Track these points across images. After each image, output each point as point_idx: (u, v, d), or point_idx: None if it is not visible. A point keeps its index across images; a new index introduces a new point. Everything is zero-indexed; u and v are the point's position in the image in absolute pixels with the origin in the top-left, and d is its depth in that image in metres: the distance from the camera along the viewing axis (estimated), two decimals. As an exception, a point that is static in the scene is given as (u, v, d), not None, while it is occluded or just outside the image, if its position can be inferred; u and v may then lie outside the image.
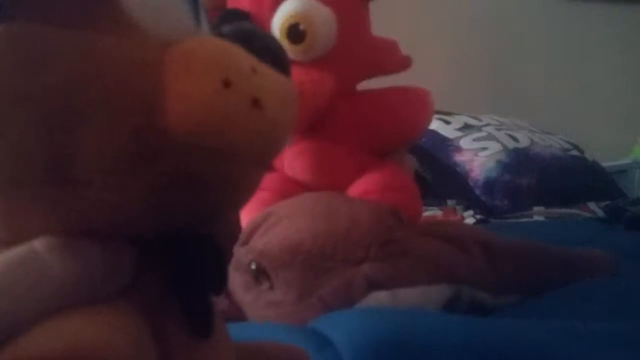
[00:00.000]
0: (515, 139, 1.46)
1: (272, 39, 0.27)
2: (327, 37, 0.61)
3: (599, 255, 0.72)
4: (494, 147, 1.41)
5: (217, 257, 0.28)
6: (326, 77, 0.61)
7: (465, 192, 1.34)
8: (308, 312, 0.50)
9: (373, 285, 0.50)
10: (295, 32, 0.58)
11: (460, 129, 1.49)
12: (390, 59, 0.70)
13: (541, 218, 1.26)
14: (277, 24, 0.59)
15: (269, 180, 0.69)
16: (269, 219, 0.57)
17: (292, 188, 0.67)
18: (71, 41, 0.21)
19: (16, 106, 0.21)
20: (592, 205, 1.35)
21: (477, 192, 1.35)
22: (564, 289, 0.63)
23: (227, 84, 0.22)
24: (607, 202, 1.28)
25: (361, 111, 0.67)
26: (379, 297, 0.50)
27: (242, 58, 0.24)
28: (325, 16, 0.60)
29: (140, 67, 0.22)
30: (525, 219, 1.26)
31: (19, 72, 0.21)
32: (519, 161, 1.39)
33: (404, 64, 0.72)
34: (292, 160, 0.67)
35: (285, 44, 0.58)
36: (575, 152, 1.52)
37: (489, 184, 1.34)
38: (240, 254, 0.56)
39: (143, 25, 0.23)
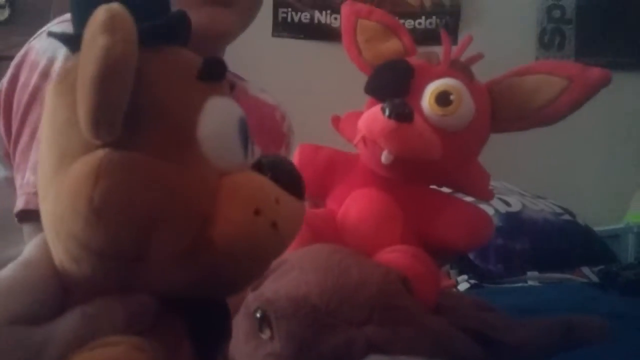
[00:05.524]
0: (507, 203, 1.47)
1: (294, 169, 0.36)
2: (461, 121, 0.67)
3: (593, 323, 0.72)
4: (486, 210, 1.42)
5: (226, 315, 0.37)
6: (438, 145, 0.65)
7: (458, 256, 1.34)
8: None
9: (373, 348, 0.50)
10: (444, 97, 0.67)
11: (451, 193, 1.50)
12: (478, 186, 0.76)
13: (535, 283, 1.26)
14: (433, 86, 0.67)
15: (315, 217, 0.67)
16: (282, 266, 0.57)
17: (325, 229, 0.65)
18: (161, 170, 0.31)
19: (119, 214, 0.29)
20: (585, 270, 1.34)
21: (471, 256, 1.34)
22: (560, 357, 0.62)
23: (257, 212, 0.31)
24: (601, 267, 1.27)
25: (422, 206, 0.70)
26: None
27: (270, 191, 0.33)
28: (470, 107, 0.67)
29: (203, 192, 0.32)
30: (520, 284, 1.25)
31: (127, 189, 0.29)
32: (511, 225, 1.39)
33: (486, 196, 0.78)
34: (353, 200, 0.67)
35: (430, 102, 0.66)
36: (567, 217, 1.53)
37: (483, 248, 1.34)
38: (249, 298, 0.56)
39: (209, 159, 0.33)
